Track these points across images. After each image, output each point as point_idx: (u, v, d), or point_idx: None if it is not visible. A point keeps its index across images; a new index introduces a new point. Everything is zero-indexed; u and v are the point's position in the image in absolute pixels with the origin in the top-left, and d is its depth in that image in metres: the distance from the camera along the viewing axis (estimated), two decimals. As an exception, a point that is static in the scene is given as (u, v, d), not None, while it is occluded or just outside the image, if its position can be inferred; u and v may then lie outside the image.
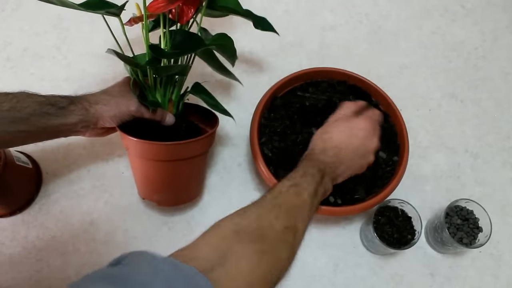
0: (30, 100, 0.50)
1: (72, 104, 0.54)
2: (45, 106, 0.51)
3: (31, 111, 0.50)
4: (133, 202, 0.71)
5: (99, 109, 0.56)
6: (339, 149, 0.55)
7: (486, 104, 0.83)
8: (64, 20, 0.88)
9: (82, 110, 0.54)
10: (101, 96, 0.58)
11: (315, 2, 0.93)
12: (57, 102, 0.53)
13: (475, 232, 0.66)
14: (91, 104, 0.56)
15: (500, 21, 0.93)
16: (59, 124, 0.53)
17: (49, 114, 0.51)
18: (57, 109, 0.52)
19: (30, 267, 0.66)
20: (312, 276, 0.67)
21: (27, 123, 0.50)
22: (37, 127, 0.51)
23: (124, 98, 0.58)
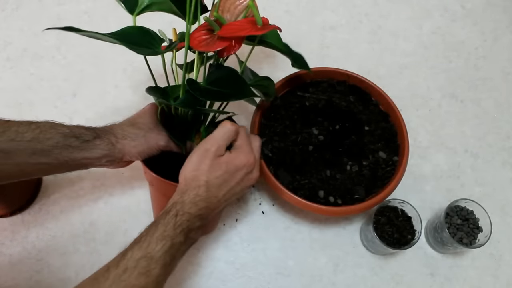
0: (53, 131, 0.48)
1: (98, 138, 0.51)
2: (69, 138, 0.49)
3: (54, 143, 0.48)
4: (133, 202, 0.71)
5: (127, 144, 0.53)
6: (215, 197, 0.49)
7: (486, 104, 0.83)
8: (63, 20, 0.88)
9: (109, 145, 0.51)
10: (129, 129, 0.54)
11: (315, 2, 0.93)
12: (81, 134, 0.50)
13: (475, 232, 0.66)
14: (118, 139, 0.53)
15: (500, 21, 0.93)
16: (83, 157, 0.50)
17: (72, 147, 0.49)
18: (82, 142, 0.49)
19: (30, 267, 0.66)
20: (312, 276, 0.67)
21: (49, 156, 0.47)
22: (59, 160, 0.48)
23: (153, 132, 0.55)
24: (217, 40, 0.49)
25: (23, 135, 0.46)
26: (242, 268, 0.67)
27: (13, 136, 0.45)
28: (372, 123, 0.69)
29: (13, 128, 0.46)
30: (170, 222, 0.46)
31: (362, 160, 0.66)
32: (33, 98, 0.80)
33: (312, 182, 0.63)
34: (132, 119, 0.57)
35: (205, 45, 0.49)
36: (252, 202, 0.72)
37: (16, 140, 0.45)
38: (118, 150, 0.52)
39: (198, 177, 0.49)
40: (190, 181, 0.49)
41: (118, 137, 0.53)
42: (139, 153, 0.54)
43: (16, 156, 0.46)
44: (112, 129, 0.53)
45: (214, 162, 0.50)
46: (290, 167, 0.64)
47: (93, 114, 0.79)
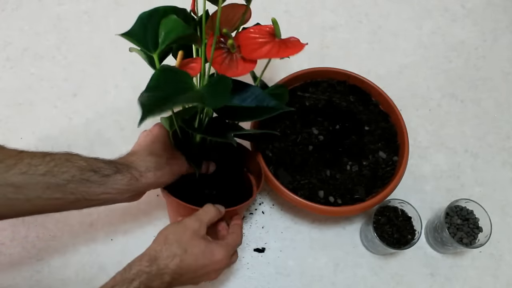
0: (69, 165, 0.45)
1: (119, 173, 0.47)
2: (86, 172, 0.45)
3: (69, 177, 0.44)
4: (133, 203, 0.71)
5: (152, 176, 0.50)
6: (181, 277, 0.48)
7: (486, 104, 0.83)
8: (64, 20, 0.88)
9: (132, 180, 0.48)
10: (150, 159, 0.51)
11: (315, 2, 0.93)
12: (100, 169, 0.46)
13: (475, 232, 0.66)
14: (142, 172, 0.49)
15: (500, 21, 0.93)
16: (102, 192, 0.47)
17: (90, 182, 0.45)
18: (101, 176, 0.46)
19: (30, 267, 0.66)
20: (312, 276, 0.67)
21: (64, 191, 0.44)
22: (75, 195, 0.45)
23: (174, 159, 0.53)
24: (240, 60, 0.47)
25: (36, 168, 0.43)
26: (242, 268, 0.67)
27: (25, 169, 0.42)
28: (372, 123, 0.69)
29: (25, 160, 0.43)
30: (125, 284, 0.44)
31: (362, 160, 0.66)
32: (33, 98, 0.80)
33: (312, 182, 0.63)
34: (147, 147, 0.53)
35: (228, 67, 0.47)
36: (252, 202, 0.72)
37: (28, 174, 0.42)
38: (143, 184, 0.49)
39: (173, 249, 0.48)
40: (165, 249, 0.48)
41: (141, 170, 0.49)
42: (164, 183, 0.52)
43: (28, 190, 0.42)
44: (133, 162, 0.50)
45: (192, 241, 0.49)
46: (290, 167, 0.64)
47: (93, 114, 0.79)
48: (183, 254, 0.48)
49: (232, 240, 0.54)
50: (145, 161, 0.50)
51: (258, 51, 0.47)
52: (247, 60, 0.47)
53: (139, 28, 0.47)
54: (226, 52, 0.48)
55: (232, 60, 0.48)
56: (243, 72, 0.47)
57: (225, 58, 0.48)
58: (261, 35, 0.48)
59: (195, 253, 0.48)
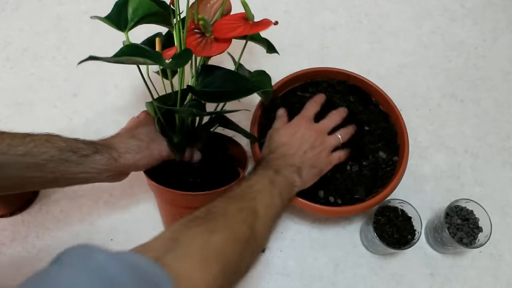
0: (48, 145, 0.46)
1: (98, 154, 0.49)
2: (65, 152, 0.47)
3: (48, 157, 0.46)
4: (133, 202, 0.71)
5: (131, 158, 0.51)
6: (287, 145, 0.58)
7: (486, 104, 0.83)
8: (64, 20, 0.88)
9: (110, 160, 0.50)
10: (131, 142, 0.53)
11: (315, 2, 0.93)
12: (79, 149, 0.48)
13: (475, 232, 0.66)
14: (121, 153, 0.51)
15: (500, 21, 0.93)
16: (80, 172, 0.48)
17: (69, 162, 0.47)
18: (79, 156, 0.48)
19: (30, 267, 0.66)
20: (312, 276, 0.67)
21: (43, 170, 0.46)
22: (55, 174, 0.47)
23: (155, 143, 0.54)
24: (214, 42, 0.50)
25: (16, 148, 0.44)
26: (242, 268, 0.67)
27: (5, 150, 0.44)
28: (372, 123, 0.69)
29: (6, 140, 0.45)
30: (257, 167, 0.55)
31: (362, 160, 0.66)
32: (33, 98, 0.80)
33: (312, 182, 0.63)
34: (130, 130, 0.55)
35: (202, 49, 0.49)
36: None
37: (8, 154, 0.44)
38: (121, 165, 0.51)
39: (269, 146, 0.60)
40: (265, 150, 0.61)
41: (120, 151, 0.51)
42: (144, 166, 0.54)
43: (8, 170, 0.44)
44: (113, 144, 0.52)
45: (274, 134, 0.62)
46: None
47: (93, 114, 0.79)
48: (274, 138, 0.61)
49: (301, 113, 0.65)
50: (125, 143, 0.52)
51: (232, 32, 0.50)
52: (221, 41, 0.50)
53: (115, 12, 0.51)
54: (201, 36, 0.51)
55: (207, 43, 0.51)
56: (217, 51, 0.50)
57: (200, 42, 0.51)
58: (235, 21, 0.51)
59: (279, 132, 0.61)
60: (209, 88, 0.51)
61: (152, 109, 0.55)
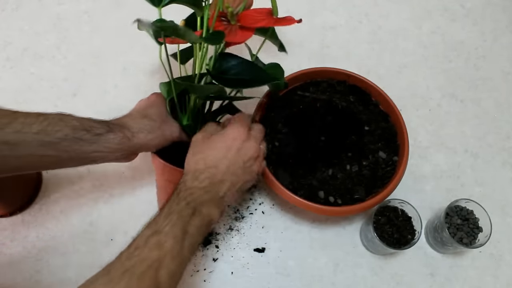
0: (62, 124, 0.46)
1: (111, 132, 0.49)
2: (79, 131, 0.47)
3: (63, 136, 0.46)
4: (133, 202, 0.71)
5: (143, 138, 0.52)
6: (214, 168, 0.50)
7: (486, 104, 0.83)
8: (64, 20, 0.88)
9: (124, 139, 0.50)
10: (143, 121, 0.53)
11: (315, 2, 0.93)
12: (92, 127, 0.48)
13: (475, 232, 0.66)
14: (134, 133, 0.51)
15: (500, 21, 0.93)
16: (93, 151, 0.48)
17: (83, 140, 0.47)
18: (93, 135, 0.48)
19: (30, 267, 0.66)
20: (312, 276, 0.67)
21: (58, 148, 0.46)
22: (69, 153, 0.47)
23: (166, 124, 0.55)
24: (238, 30, 0.52)
25: (30, 126, 0.44)
26: (242, 268, 0.67)
27: (19, 128, 0.44)
28: (372, 123, 0.69)
29: (20, 119, 0.45)
30: (174, 200, 0.47)
31: (362, 160, 0.66)
32: (33, 98, 0.80)
33: (312, 182, 0.63)
34: (141, 110, 0.55)
35: (228, 35, 0.51)
36: (252, 202, 0.72)
37: (22, 132, 0.44)
38: (134, 144, 0.51)
39: (195, 157, 0.52)
40: (190, 163, 0.52)
41: (133, 131, 0.51)
42: (155, 146, 0.54)
43: (22, 148, 0.44)
44: (126, 123, 0.52)
45: (206, 141, 0.53)
46: (290, 167, 0.64)
47: (93, 114, 0.77)
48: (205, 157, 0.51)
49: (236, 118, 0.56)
50: (138, 123, 0.52)
51: (256, 23, 0.52)
52: (246, 29, 0.52)
53: None
54: (226, 24, 0.53)
55: (232, 30, 0.52)
56: (241, 39, 0.52)
57: (225, 28, 0.52)
58: (260, 14, 0.53)
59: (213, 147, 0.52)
60: (227, 74, 0.53)
61: (165, 90, 0.56)
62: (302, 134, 0.67)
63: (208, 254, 0.68)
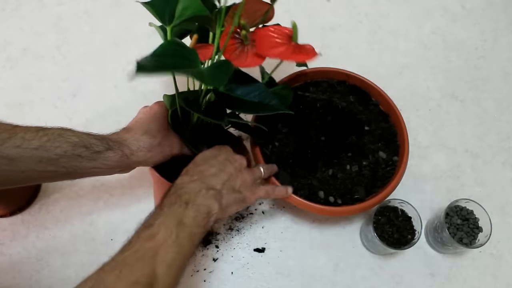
0: (61, 140, 0.46)
1: (110, 150, 0.49)
2: (78, 148, 0.47)
3: (62, 152, 0.46)
4: (133, 202, 0.71)
5: (142, 156, 0.52)
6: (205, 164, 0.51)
7: (486, 104, 0.83)
8: (64, 20, 0.88)
9: (122, 158, 0.50)
10: (143, 139, 0.52)
11: (315, 2, 0.93)
12: (92, 145, 0.48)
13: (475, 232, 0.66)
14: (133, 151, 0.51)
15: (500, 21, 0.93)
16: (92, 167, 0.49)
17: (81, 157, 0.47)
18: (92, 153, 0.48)
19: (30, 267, 0.66)
20: (312, 276, 0.67)
21: (57, 164, 0.46)
22: (67, 169, 0.47)
23: (167, 140, 0.54)
24: (250, 52, 0.49)
25: (29, 142, 0.44)
26: (242, 268, 0.67)
27: (19, 143, 0.44)
28: (372, 123, 0.69)
29: (19, 134, 0.45)
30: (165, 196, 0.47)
31: (362, 160, 0.66)
32: (33, 98, 0.80)
33: (312, 182, 0.63)
34: (143, 124, 0.54)
35: (237, 57, 0.48)
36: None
37: (22, 147, 0.44)
38: (133, 162, 0.52)
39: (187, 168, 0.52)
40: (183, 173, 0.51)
41: (132, 148, 0.51)
42: (154, 162, 0.54)
43: (21, 163, 0.44)
44: (126, 140, 0.52)
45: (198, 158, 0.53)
46: (290, 167, 0.64)
47: (93, 114, 0.79)
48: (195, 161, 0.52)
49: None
50: (138, 140, 0.52)
51: (272, 49, 0.48)
52: (257, 54, 0.49)
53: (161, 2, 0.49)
54: (239, 43, 0.49)
55: (243, 52, 0.49)
56: (251, 64, 0.48)
57: (236, 49, 0.49)
58: (279, 36, 0.49)
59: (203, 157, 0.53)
60: (233, 93, 0.50)
61: (169, 102, 0.54)
62: (302, 134, 0.67)
63: (208, 254, 0.68)
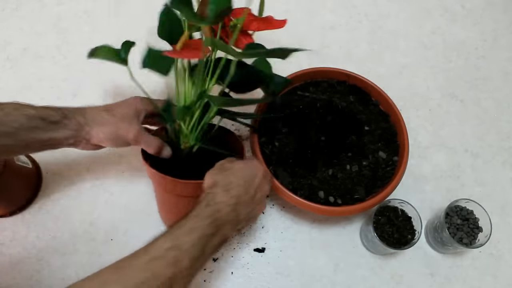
0: (17, 113, 0.47)
1: (66, 119, 0.50)
2: (34, 120, 0.48)
3: (18, 125, 0.47)
4: (133, 202, 0.71)
5: (95, 128, 0.52)
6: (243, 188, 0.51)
7: (486, 104, 0.83)
8: (64, 20, 0.88)
9: (76, 125, 0.51)
10: (101, 113, 0.53)
11: (315, 2, 0.93)
12: (48, 116, 0.49)
13: (475, 232, 0.66)
14: (87, 120, 0.52)
15: (500, 21, 0.93)
16: (49, 138, 0.50)
17: (38, 129, 0.48)
18: (48, 123, 0.49)
19: (30, 267, 0.66)
20: (312, 276, 0.67)
21: (14, 137, 0.47)
22: (26, 141, 0.48)
23: (125, 122, 0.54)
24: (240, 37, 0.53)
25: None
26: (242, 268, 0.67)
27: None
28: (372, 123, 0.69)
29: None
30: (200, 212, 0.46)
31: (362, 160, 0.66)
32: (33, 98, 0.79)
33: (312, 182, 0.63)
34: (109, 106, 0.56)
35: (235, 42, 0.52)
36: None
37: None
38: (86, 132, 0.52)
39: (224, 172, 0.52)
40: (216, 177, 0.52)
41: (87, 118, 0.52)
42: (107, 140, 0.53)
43: None
44: (84, 110, 0.53)
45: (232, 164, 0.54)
46: (290, 167, 0.64)
47: (93, 114, 0.79)
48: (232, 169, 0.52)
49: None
50: (96, 114, 0.53)
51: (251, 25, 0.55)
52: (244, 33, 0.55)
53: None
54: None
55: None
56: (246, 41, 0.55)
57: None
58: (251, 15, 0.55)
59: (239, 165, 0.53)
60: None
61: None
62: (302, 134, 0.67)
63: (208, 254, 0.68)
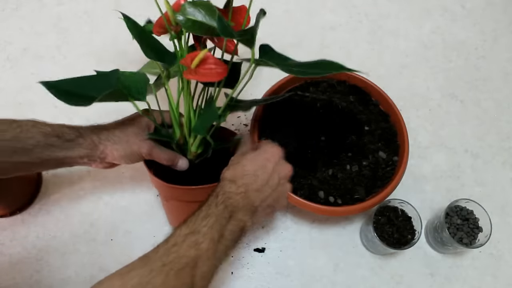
0: (34, 131, 0.48)
1: (81, 138, 0.51)
2: (50, 137, 0.49)
3: (35, 143, 0.47)
4: (133, 203, 0.71)
5: (109, 146, 0.53)
6: (253, 176, 0.51)
7: (486, 104, 0.83)
8: (64, 20, 0.88)
9: (91, 145, 0.52)
10: (114, 131, 0.54)
11: (315, 2, 0.93)
12: (64, 134, 0.50)
13: (475, 232, 0.66)
14: (101, 140, 0.53)
15: (500, 21, 0.93)
16: (64, 156, 0.50)
17: (54, 146, 0.49)
18: (64, 141, 0.50)
19: (30, 267, 0.66)
20: (312, 276, 0.67)
21: (30, 155, 0.47)
22: (41, 159, 0.49)
23: (136, 138, 0.55)
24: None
25: (3, 134, 0.46)
26: (242, 268, 0.67)
27: None
28: (372, 123, 0.69)
29: None
30: (212, 202, 0.48)
31: (362, 160, 0.66)
32: (33, 98, 0.80)
33: (312, 182, 0.63)
34: (121, 124, 0.56)
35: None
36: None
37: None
38: (100, 151, 0.53)
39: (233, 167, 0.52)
40: (226, 173, 0.52)
41: (101, 138, 0.53)
42: (121, 157, 0.54)
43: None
44: (96, 130, 0.54)
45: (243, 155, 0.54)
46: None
47: (93, 114, 0.78)
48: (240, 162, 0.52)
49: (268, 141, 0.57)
50: (108, 131, 0.54)
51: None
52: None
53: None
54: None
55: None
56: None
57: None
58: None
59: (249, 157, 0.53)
60: None
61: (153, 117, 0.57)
62: (302, 134, 0.67)
63: (208, 254, 0.68)
